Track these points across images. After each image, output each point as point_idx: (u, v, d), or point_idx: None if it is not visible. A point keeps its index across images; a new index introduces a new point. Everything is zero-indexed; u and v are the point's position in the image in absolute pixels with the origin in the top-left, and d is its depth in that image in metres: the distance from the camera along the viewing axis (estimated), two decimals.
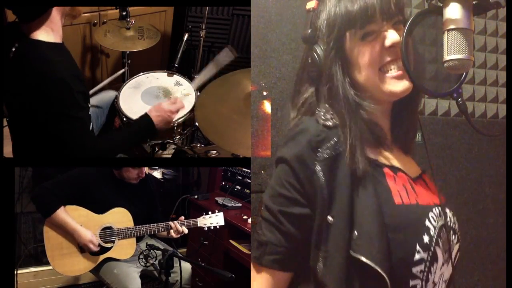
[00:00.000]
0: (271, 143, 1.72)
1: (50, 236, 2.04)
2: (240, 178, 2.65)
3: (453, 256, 0.97)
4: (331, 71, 0.95)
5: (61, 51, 1.64)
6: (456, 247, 0.99)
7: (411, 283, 0.89)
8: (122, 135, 1.87)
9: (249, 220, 2.20)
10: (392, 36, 0.92)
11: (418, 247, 0.89)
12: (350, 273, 0.86)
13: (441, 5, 0.86)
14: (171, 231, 2.16)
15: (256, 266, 0.96)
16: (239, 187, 2.64)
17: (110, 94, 2.25)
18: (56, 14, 1.61)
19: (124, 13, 2.42)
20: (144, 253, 1.92)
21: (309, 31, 0.97)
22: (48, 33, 1.60)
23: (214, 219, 2.21)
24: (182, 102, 1.99)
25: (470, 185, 2.07)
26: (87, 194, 2.13)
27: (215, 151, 2.05)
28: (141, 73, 2.29)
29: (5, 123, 1.80)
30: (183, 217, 2.22)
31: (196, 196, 2.68)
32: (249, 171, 2.23)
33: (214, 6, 2.68)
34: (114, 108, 2.15)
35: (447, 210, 0.99)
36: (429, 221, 0.92)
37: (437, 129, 2.03)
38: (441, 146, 2.02)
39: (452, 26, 0.84)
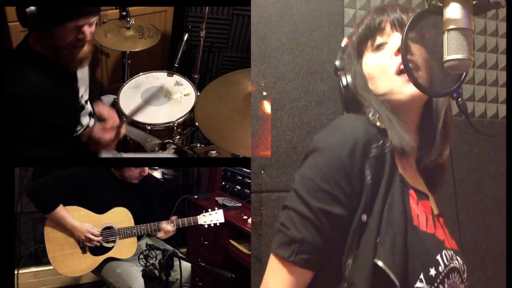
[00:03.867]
0: (271, 143, 1.71)
1: (50, 238, 2.04)
2: (240, 178, 2.65)
3: None
4: (359, 89, 1.00)
5: (46, 66, 1.62)
6: None
7: None
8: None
9: (249, 220, 2.20)
10: (398, 41, 0.95)
11: (421, 276, 0.86)
12: (374, 276, 0.85)
13: (441, 5, 0.86)
14: (159, 232, 2.18)
15: (280, 261, 0.90)
16: (239, 187, 2.64)
17: (110, 99, 2.25)
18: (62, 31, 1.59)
19: (124, 13, 2.42)
20: (144, 253, 1.92)
21: (338, 61, 1.07)
22: (47, 44, 1.59)
23: (214, 216, 2.23)
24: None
25: (470, 185, 2.07)
26: (86, 193, 2.12)
27: (215, 151, 2.05)
28: (141, 73, 2.29)
29: None
30: (175, 217, 2.24)
31: (196, 196, 2.68)
32: (249, 171, 2.23)
33: (214, 6, 2.68)
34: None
35: (459, 258, 0.97)
36: (441, 257, 0.90)
37: None
38: None
39: (452, 26, 0.84)
